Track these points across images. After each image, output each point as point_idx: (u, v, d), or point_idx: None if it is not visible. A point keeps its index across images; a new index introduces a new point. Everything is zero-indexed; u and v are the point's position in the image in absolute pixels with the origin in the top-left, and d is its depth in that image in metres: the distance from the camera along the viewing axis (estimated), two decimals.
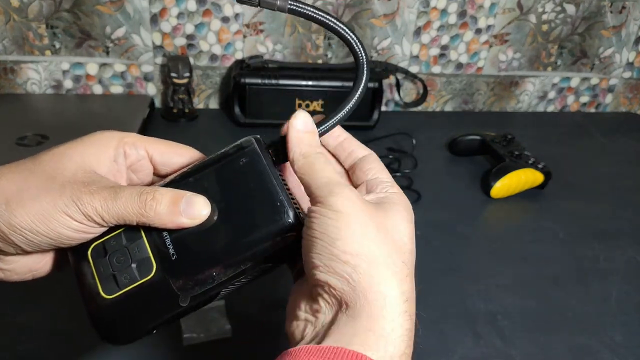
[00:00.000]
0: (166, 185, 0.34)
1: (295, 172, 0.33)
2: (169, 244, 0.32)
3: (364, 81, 0.34)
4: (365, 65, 0.34)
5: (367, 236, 0.29)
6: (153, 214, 0.31)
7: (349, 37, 0.33)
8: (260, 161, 0.33)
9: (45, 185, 0.31)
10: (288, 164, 0.35)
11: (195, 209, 0.32)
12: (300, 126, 0.33)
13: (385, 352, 0.27)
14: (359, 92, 0.34)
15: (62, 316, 0.56)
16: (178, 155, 0.36)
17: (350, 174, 0.36)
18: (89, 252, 0.33)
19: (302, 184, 0.32)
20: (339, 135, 0.37)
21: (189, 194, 0.32)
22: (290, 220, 0.32)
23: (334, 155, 0.37)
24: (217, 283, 0.32)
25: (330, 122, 0.35)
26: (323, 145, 0.36)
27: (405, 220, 0.31)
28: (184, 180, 0.34)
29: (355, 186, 0.35)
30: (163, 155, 0.36)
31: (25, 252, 0.32)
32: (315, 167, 0.32)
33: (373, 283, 0.28)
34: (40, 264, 0.34)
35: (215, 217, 0.32)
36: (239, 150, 0.33)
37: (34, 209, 0.30)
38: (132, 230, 0.33)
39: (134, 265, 0.32)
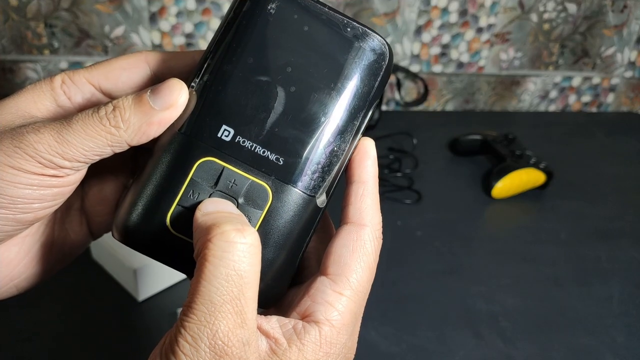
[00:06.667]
0: (196, 90, 0.24)
1: (194, 225, 0.23)
2: (264, 152, 0.24)
3: None
4: None
5: None
6: (123, 127, 0.24)
7: None
8: None
9: None
10: None
11: (167, 95, 0.24)
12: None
13: None
14: None
15: (62, 317, 0.55)
16: (127, 69, 0.27)
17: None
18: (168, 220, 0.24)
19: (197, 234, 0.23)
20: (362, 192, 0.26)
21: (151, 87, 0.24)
22: (376, 40, 0.25)
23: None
24: (342, 158, 0.25)
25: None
26: None
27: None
28: (210, 74, 0.24)
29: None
30: (109, 79, 0.27)
31: None
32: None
33: None
34: (19, 268, 0.28)
35: (293, 89, 0.24)
36: (252, 2, 0.24)
37: None
38: (204, 169, 0.24)
39: (241, 201, 0.24)
